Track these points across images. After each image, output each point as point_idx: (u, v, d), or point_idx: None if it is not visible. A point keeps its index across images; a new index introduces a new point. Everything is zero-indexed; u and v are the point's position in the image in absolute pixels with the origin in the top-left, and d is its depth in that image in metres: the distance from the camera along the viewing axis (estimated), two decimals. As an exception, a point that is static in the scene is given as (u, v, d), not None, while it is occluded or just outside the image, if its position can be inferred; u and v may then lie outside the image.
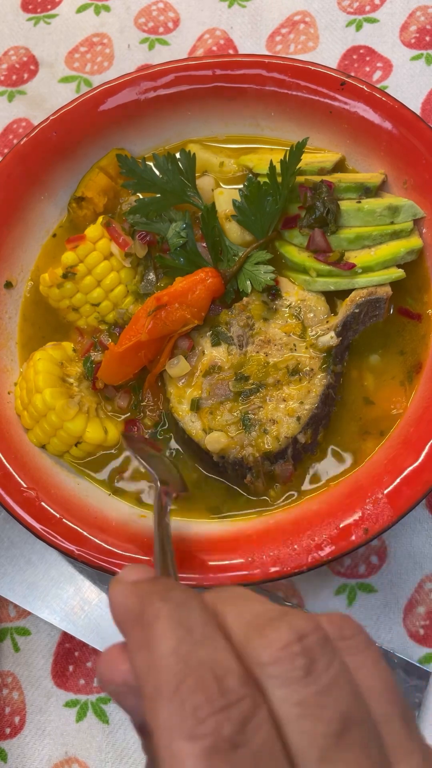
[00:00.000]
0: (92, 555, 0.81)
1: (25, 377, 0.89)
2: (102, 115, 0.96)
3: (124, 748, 0.86)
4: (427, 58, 1.07)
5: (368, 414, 0.88)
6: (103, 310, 0.92)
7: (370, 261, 0.86)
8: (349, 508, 0.81)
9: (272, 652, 0.35)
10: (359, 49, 1.09)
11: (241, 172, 0.97)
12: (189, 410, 0.85)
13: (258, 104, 0.96)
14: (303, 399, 0.84)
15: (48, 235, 0.98)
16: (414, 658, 0.85)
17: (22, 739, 0.87)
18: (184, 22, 1.15)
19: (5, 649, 0.90)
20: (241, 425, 0.84)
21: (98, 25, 1.16)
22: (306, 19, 1.12)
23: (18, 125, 1.12)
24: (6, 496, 0.83)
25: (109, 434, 0.88)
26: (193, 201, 0.90)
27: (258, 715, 0.33)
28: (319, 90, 0.93)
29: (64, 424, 0.85)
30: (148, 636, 0.37)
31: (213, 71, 0.95)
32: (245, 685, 0.34)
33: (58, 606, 0.88)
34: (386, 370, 0.89)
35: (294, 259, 0.89)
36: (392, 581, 0.88)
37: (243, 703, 0.33)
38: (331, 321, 0.86)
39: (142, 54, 1.14)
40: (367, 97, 0.91)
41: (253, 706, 0.33)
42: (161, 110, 0.97)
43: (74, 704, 0.88)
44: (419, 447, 0.81)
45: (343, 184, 0.90)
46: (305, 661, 0.34)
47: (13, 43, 1.17)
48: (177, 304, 0.84)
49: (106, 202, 0.96)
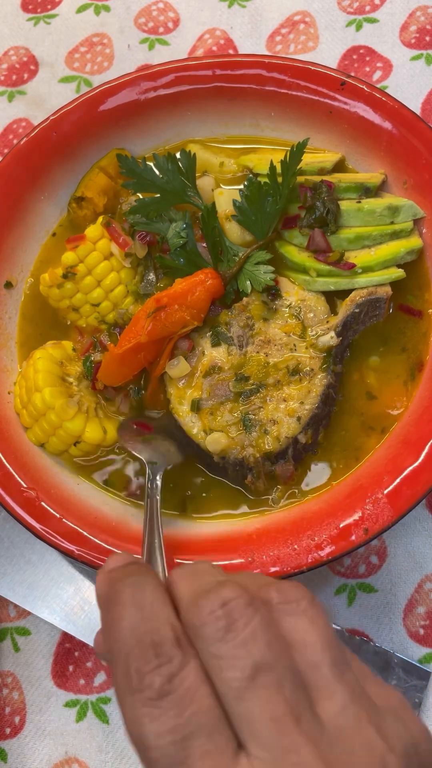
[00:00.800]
0: (92, 555, 0.81)
1: (24, 376, 0.89)
2: (102, 115, 0.96)
3: (124, 748, 0.86)
4: (427, 58, 1.07)
5: (371, 409, 0.88)
6: (103, 310, 0.92)
7: (370, 261, 0.86)
8: (349, 508, 0.81)
9: (201, 616, 0.43)
10: (359, 49, 1.09)
11: (241, 172, 0.97)
12: (189, 411, 0.85)
13: (258, 104, 0.96)
14: (303, 399, 0.84)
15: (48, 235, 0.98)
16: (414, 658, 0.85)
17: (22, 739, 0.87)
18: (184, 22, 1.15)
19: (5, 649, 0.90)
20: (242, 426, 0.84)
21: (98, 25, 1.16)
22: (306, 19, 1.12)
23: (18, 125, 1.12)
24: (6, 496, 0.83)
25: (108, 434, 0.88)
26: (193, 201, 0.90)
27: (186, 669, 0.41)
28: (319, 90, 0.93)
29: (63, 424, 0.85)
30: (111, 617, 0.46)
31: (213, 71, 0.95)
32: (177, 647, 0.42)
33: (58, 606, 0.88)
34: (389, 367, 0.89)
35: (294, 259, 0.89)
36: (392, 581, 0.88)
37: (173, 662, 0.42)
38: (331, 321, 0.86)
39: (142, 54, 1.13)
40: (367, 97, 0.91)
41: (181, 663, 0.42)
42: (161, 110, 0.97)
43: (74, 704, 0.88)
44: (419, 447, 0.81)
45: (343, 184, 0.90)
46: (226, 622, 0.42)
47: (13, 43, 1.17)
48: (177, 306, 0.84)
49: (106, 202, 0.96)
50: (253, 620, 0.42)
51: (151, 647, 0.42)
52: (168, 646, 0.42)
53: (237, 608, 0.43)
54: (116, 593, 0.46)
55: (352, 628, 0.87)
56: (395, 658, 0.84)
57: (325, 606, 0.48)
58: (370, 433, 0.87)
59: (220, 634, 0.42)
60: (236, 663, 0.41)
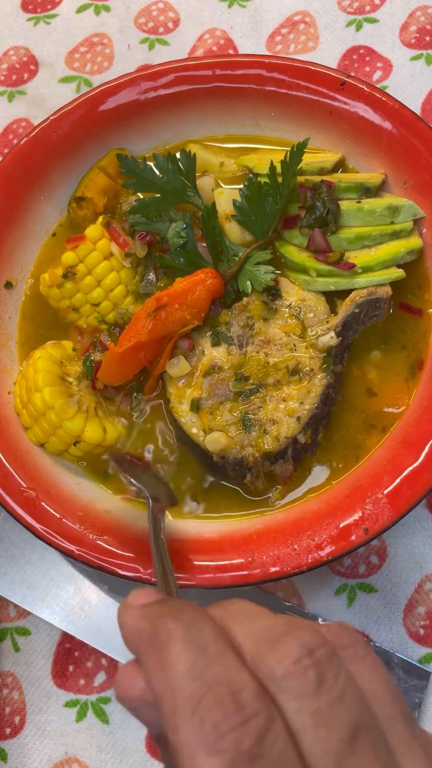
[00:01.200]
0: (92, 555, 0.81)
1: (24, 376, 0.89)
2: (102, 115, 0.96)
3: (124, 748, 0.86)
4: (427, 58, 1.07)
5: (371, 407, 0.88)
6: (103, 310, 0.92)
7: (370, 261, 0.86)
8: (349, 508, 0.81)
9: (284, 666, 0.37)
10: (359, 49, 1.09)
11: (241, 172, 0.97)
12: (189, 410, 0.85)
13: (258, 104, 0.96)
14: (303, 399, 0.84)
15: (48, 235, 0.98)
16: (414, 658, 0.85)
17: (22, 739, 0.87)
18: (184, 22, 1.15)
19: (5, 649, 0.90)
20: (241, 425, 0.84)
21: (98, 25, 1.16)
22: (306, 19, 1.12)
23: (18, 125, 1.12)
24: (6, 496, 0.83)
25: (108, 434, 0.88)
26: (193, 201, 0.90)
27: (274, 727, 0.35)
28: (319, 90, 0.93)
29: (63, 423, 0.85)
30: (164, 657, 0.38)
31: (213, 71, 0.95)
32: (260, 699, 0.36)
33: (58, 606, 0.88)
34: (390, 364, 0.89)
35: (294, 259, 0.89)
36: (392, 581, 0.88)
37: (259, 717, 0.35)
38: (331, 321, 0.86)
39: (142, 54, 1.14)
40: (367, 97, 0.91)
41: (269, 719, 0.35)
42: (161, 110, 0.97)
43: (74, 704, 0.88)
44: (419, 447, 0.81)
45: (343, 184, 0.90)
46: (316, 674, 0.36)
47: (13, 43, 1.17)
48: (177, 305, 0.84)
49: (106, 202, 0.96)
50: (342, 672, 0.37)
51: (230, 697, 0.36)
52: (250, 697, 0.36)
53: (324, 657, 0.37)
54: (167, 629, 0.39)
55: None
56: (395, 658, 0.84)
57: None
58: (371, 431, 0.87)
59: (310, 686, 0.36)
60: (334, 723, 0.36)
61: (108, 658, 0.88)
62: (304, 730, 0.36)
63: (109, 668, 0.88)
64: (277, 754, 0.35)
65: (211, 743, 0.35)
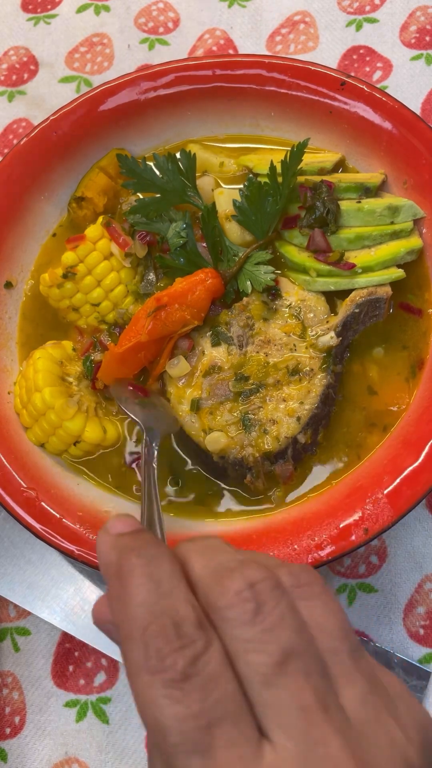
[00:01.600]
0: (92, 555, 0.81)
1: (24, 376, 0.89)
2: (102, 115, 0.96)
3: (124, 748, 0.86)
4: (427, 58, 1.07)
5: (372, 405, 0.88)
6: (103, 310, 0.92)
7: (370, 261, 0.86)
8: (349, 508, 0.81)
9: (226, 598, 0.41)
10: (359, 49, 1.09)
11: (241, 172, 0.97)
12: (189, 410, 0.85)
13: (258, 104, 0.96)
14: (303, 399, 0.84)
15: (48, 235, 0.98)
16: (414, 658, 0.85)
17: (22, 739, 0.87)
18: (184, 22, 1.15)
19: (5, 649, 0.90)
20: (241, 425, 0.84)
21: (98, 25, 1.16)
22: (306, 19, 1.12)
23: (18, 125, 1.12)
24: (6, 496, 0.83)
25: (108, 434, 0.88)
26: (193, 201, 0.90)
27: (209, 652, 0.40)
28: (319, 90, 0.93)
29: (63, 423, 0.85)
30: (123, 589, 0.44)
31: (213, 71, 0.95)
32: (199, 628, 0.41)
33: (58, 606, 0.88)
34: (390, 364, 0.89)
35: (294, 259, 0.89)
36: (392, 581, 0.88)
37: (197, 643, 0.40)
38: (331, 321, 0.86)
39: (142, 54, 1.14)
40: (367, 97, 0.91)
41: (205, 644, 0.40)
42: (161, 110, 0.97)
43: (74, 704, 0.88)
44: (419, 447, 0.81)
45: (343, 184, 0.90)
46: (254, 605, 0.41)
47: (13, 43, 1.17)
48: (177, 305, 0.84)
49: (106, 202, 0.96)
50: (280, 604, 0.41)
51: (171, 626, 0.40)
52: (190, 626, 0.41)
53: (264, 590, 0.41)
54: (128, 563, 0.44)
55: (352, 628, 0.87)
56: (395, 658, 0.84)
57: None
58: (372, 429, 0.87)
59: (247, 616, 0.40)
60: (265, 648, 0.40)
61: (108, 658, 0.88)
62: (238, 655, 0.40)
63: (109, 668, 0.89)
64: (207, 674, 0.39)
65: (152, 665, 0.40)
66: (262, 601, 0.41)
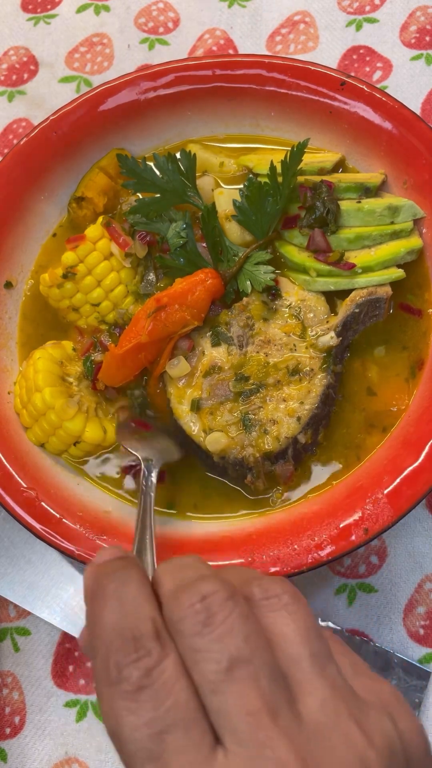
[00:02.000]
0: (92, 555, 0.81)
1: (24, 376, 0.89)
2: (102, 115, 0.96)
3: (124, 748, 0.86)
4: (427, 58, 1.07)
5: (372, 405, 0.88)
6: (103, 310, 0.92)
7: (370, 261, 0.86)
8: (349, 508, 0.81)
9: (180, 611, 0.43)
10: (359, 49, 1.09)
11: (241, 172, 0.97)
12: (189, 411, 0.85)
13: (258, 104, 0.96)
14: (303, 399, 0.84)
15: (48, 235, 0.98)
16: (414, 658, 0.85)
17: (22, 739, 0.87)
18: (184, 22, 1.15)
19: (5, 649, 0.90)
20: (242, 425, 0.84)
21: (98, 25, 1.16)
22: (306, 19, 1.12)
23: (18, 125, 1.12)
24: (6, 496, 0.83)
25: (108, 434, 0.88)
26: (193, 201, 0.90)
27: (163, 663, 0.42)
28: (319, 90, 0.93)
29: (63, 424, 0.85)
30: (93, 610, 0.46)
31: (213, 71, 0.95)
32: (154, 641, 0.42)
33: (58, 606, 0.88)
34: (390, 364, 0.89)
35: (294, 259, 0.89)
36: (392, 581, 0.88)
37: (152, 655, 0.42)
38: (331, 321, 0.86)
39: (142, 54, 1.13)
40: (367, 97, 0.91)
41: (159, 656, 0.42)
42: (161, 110, 0.97)
43: (74, 704, 0.88)
44: (419, 447, 0.81)
45: (343, 184, 0.90)
46: (203, 616, 0.42)
47: (13, 43, 1.17)
48: (177, 306, 0.84)
49: (106, 202, 0.96)
50: (232, 614, 0.42)
51: (131, 641, 0.42)
52: (147, 640, 0.42)
53: (216, 602, 0.43)
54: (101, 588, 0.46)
55: (352, 628, 0.87)
56: (395, 658, 0.84)
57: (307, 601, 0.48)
58: (371, 430, 0.87)
59: (198, 627, 0.42)
60: (213, 656, 0.41)
61: (108, 658, 0.88)
62: (190, 665, 0.42)
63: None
64: (161, 684, 0.41)
65: (112, 677, 0.42)
66: (212, 612, 0.42)
